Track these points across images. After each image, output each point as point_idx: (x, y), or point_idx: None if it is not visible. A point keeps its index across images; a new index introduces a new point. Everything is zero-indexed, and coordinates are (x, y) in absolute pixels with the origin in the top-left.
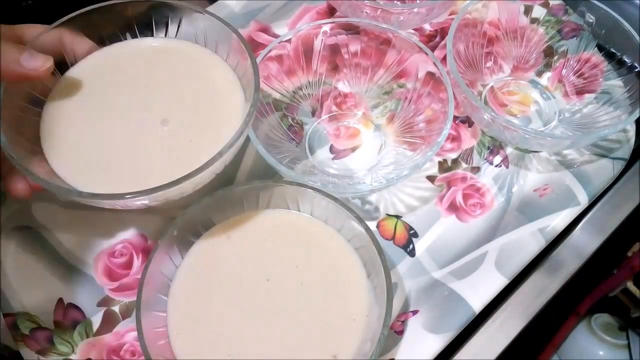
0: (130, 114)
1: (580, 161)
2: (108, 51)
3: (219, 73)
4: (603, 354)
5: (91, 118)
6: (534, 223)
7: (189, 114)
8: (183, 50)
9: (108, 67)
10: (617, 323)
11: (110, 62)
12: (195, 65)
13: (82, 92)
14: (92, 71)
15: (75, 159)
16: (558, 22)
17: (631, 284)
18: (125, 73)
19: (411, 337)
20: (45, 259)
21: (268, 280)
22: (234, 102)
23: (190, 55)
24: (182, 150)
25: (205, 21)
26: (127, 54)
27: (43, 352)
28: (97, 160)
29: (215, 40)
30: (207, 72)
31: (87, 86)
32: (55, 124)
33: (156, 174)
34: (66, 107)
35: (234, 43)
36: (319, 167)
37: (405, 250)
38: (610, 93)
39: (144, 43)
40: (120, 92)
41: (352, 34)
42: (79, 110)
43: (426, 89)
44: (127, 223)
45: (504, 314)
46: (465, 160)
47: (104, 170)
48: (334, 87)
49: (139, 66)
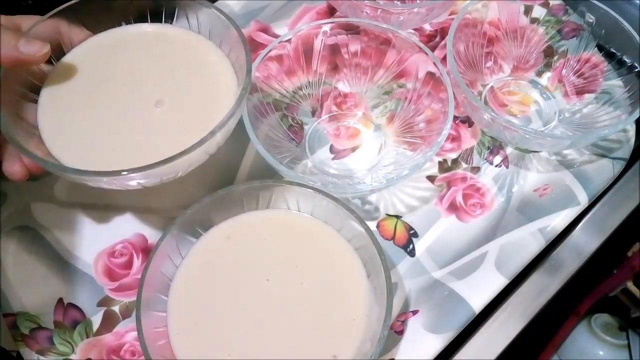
0: (124, 96)
1: (580, 161)
2: (103, 37)
3: (212, 58)
4: (603, 354)
5: (86, 101)
6: (534, 223)
7: (183, 96)
8: (177, 35)
9: (103, 51)
10: (617, 323)
11: (105, 47)
12: (188, 50)
13: (77, 76)
14: (87, 56)
15: (71, 141)
16: (558, 22)
17: (631, 284)
18: (119, 57)
19: (411, 337)
20: (45, 259)
21: (268, 280)
22: (226, 85)
23: (184, 41)
24: (175, 130)
25: (200, 9)
26: (121, 39)
27: (43, 352)
28: (92, 141)
29: (208, 27)
30: (200, 56)
31: (82, 70)
32: (51, 108)
33: (151, 153)
34: (62, 91)
35: (226, 29)
36: (319, 167)
37: (405, 250)
38: (610, 93)
39: (138, 29)
40: (115, 75)
41: (352, 34)
42: (74, 93)
43: (426, 89)
44: (127, 223)
45: (504, 314)
46: (465, 160)
47: (100, 151)
48: (334, 87)
49: (133, 50)
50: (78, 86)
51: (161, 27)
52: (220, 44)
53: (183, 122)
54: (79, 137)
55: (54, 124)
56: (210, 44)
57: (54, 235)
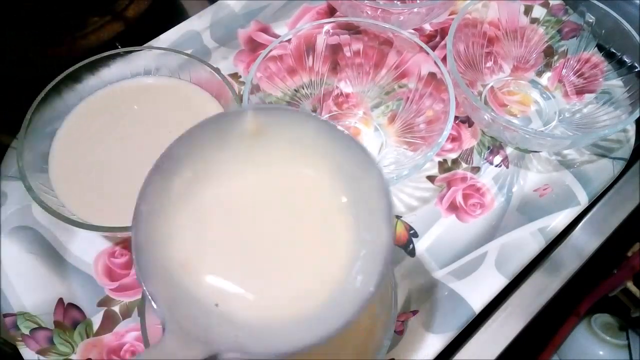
0: (128, 147)
1: (580, 161)
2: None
3: (208, 107)
4: (603, 354)
5: (95, 152)
6: (534, 223)
7: None
8: (177, 87)
9: (111, 103)
10: (617, 323)
11: (113, 98)
12: (187, 100)
13: (87, 125)
14: (96, 108)
15: (80, 192)
16: (558, 22)
17: (631, 284)
18: (124, 109)
19: (411, 337)
20: (45, 259)
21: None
22: None
23: (182, 92)
24: None
25: (194, 64)
26: (128, 90)
27: (43, 352)
28: (99, 191)
29: (201, 81)
30: (197, 105)
31: (91, 120)
32: (61, 157)
33: None
34: (71, 141)
35: (217, 82)
36: None
37: (405, 250)
38: (610, 93)
39: (144, 81)
40: (120, 127)
41: (353, 34)
42: (83, 143)
43: (427, 90)
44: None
45: (504, 314)
46: (465, 160)
47: (107, 202)
48: (335, 86)
49: (138, 101)
50: (87, 136)
51: (162, 80)
52: (213, 93)
53: None
54: (88, 188)
55: (65, 174)
56: (205, 93)
57: (54, 235)
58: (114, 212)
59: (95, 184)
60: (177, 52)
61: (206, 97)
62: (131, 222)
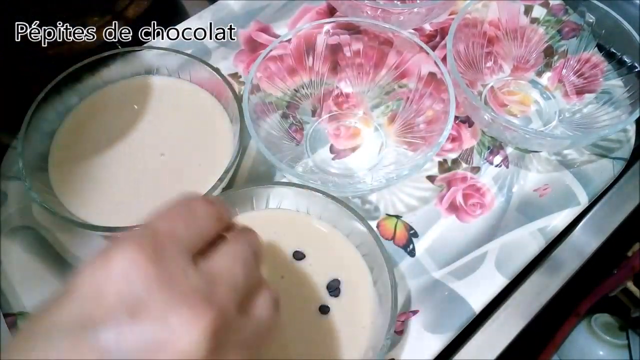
0: (128, 147)
1: (580, 161)
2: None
3: (208, 107)
4: (603, 354)
5: (95, 152)
6: (534, 223)
7: (184, 145)
8: (177, 86)
9: (111, 103)
10: (617, 323)
11: (113, 98)
12: (187, 100)
13: (86, 126)
14: (96, 107)
15: (80, 192)
16: (558, 22)
17: (631, 284)
18: (124, 109)
19: (411, 337)
20: (45, 259)
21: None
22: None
23: (183, 91)
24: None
25: (194, 64)
26: (128, 90)
27: None
28: (99, 192)
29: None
30: (197, 105)
31: (90, 121)
32: (60, 157)
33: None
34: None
35: (217, 82)
36: (319, 166)
37: (405, 250)
38: (610, 93)
39: (144, 81)
40: (120, 127)
41: (353, 34)
42: (83, 143)
43: (427, 90)
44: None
45: (504, 314)
46: (465, 160)
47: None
48: (335, 86)
49: (138, 101)
50: (87, 137)
51: (162, 79)
52: (213, 92)
53: (188, 171)
54: (88, 189)
55: (64, 174)
56: (205, 92)
57: (54, 235)
58: (114, 212)
59: (95, 184)
60: (177, 52)
61: (206, 97)
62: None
